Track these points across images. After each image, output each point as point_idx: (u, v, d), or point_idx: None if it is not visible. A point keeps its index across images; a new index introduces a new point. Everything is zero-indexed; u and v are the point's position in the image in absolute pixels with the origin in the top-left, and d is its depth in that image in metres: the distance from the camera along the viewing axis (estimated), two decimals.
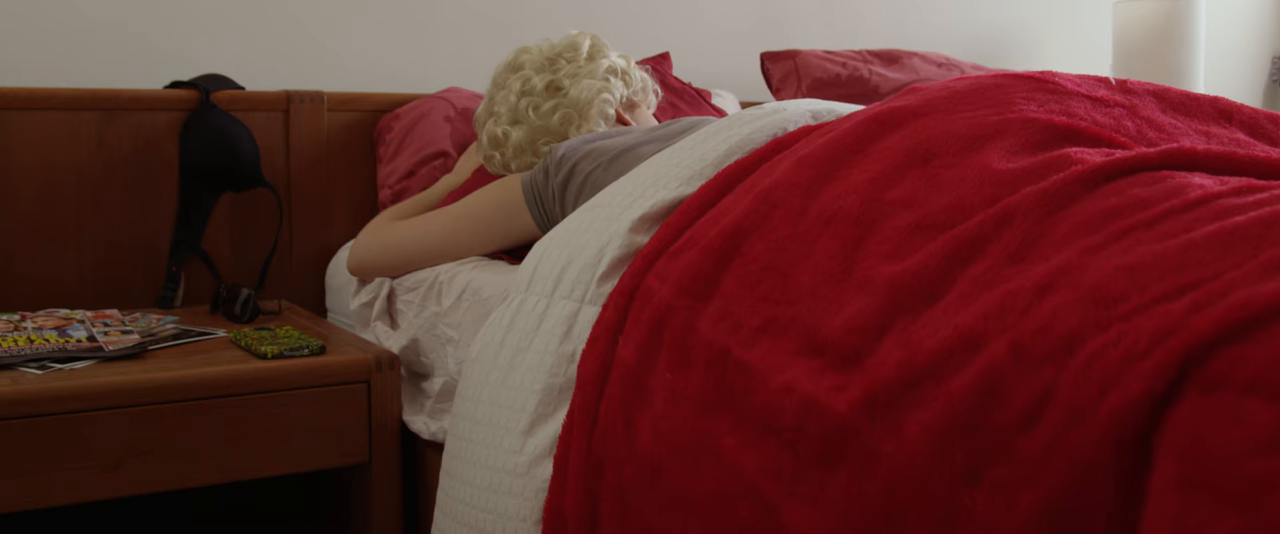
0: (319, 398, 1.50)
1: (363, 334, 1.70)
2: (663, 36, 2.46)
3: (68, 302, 1.79)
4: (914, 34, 2.83)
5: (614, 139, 1.57)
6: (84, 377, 1.39)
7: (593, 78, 1.70)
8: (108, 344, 1.50)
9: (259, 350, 1.49)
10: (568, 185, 1.53)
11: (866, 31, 2.78)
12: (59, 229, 1.80)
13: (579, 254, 1.25)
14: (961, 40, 2.89)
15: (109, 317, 1.69)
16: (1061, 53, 3.07)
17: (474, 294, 1.50)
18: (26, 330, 1.56)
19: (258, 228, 1.94)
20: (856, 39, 2.74)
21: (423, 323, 1.57)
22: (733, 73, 2.52)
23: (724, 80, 2.47)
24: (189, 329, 1.67)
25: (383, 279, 1.68)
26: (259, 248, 1.94)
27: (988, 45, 2.93)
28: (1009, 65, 2.90)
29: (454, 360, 1.50)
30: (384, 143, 1.99)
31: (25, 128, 1.76)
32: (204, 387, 1.43)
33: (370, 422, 1.53)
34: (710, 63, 2.49)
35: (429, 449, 1.57)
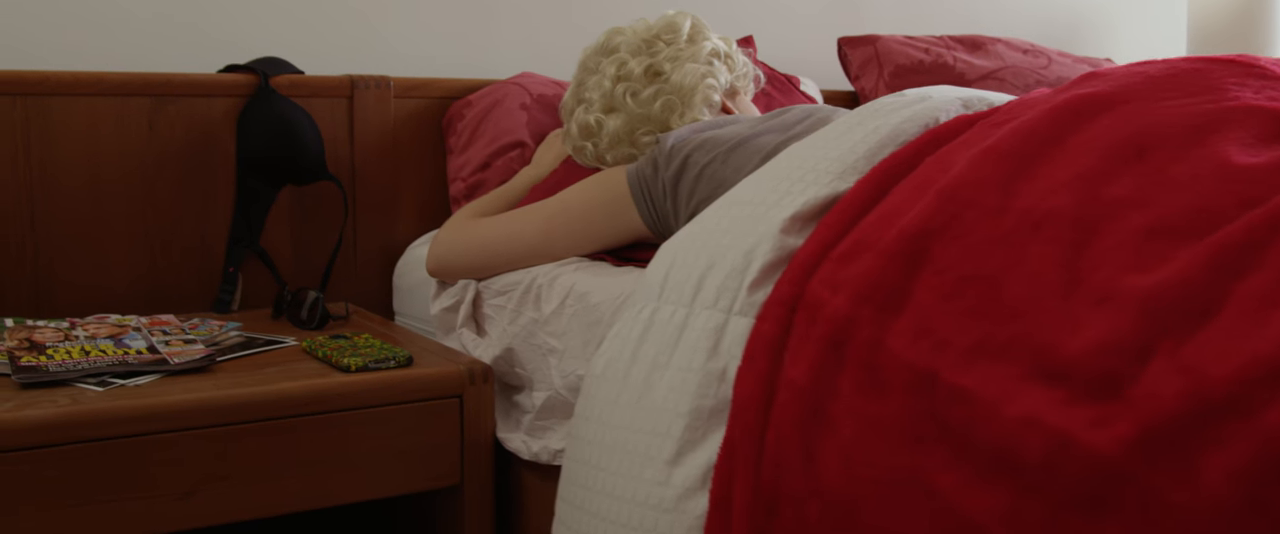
0: (407, 415, 1.34)
1: (444, 341, 1.54)
2: (739, 18, 2.30)
3: (117, 306, 1.63)
4: (987, 18, 2.67)
5: (726, 129, 1.42)
6: (151, 394, 1.23)
7: (695, 62, 1.54)
8: (171, 356, 1.34)
9: (341, 363, 1.33)
10: (681, 179, 1.37)
11: (942, 15, 2.62)
12: (107, 227, 1.64)
13: (722, 258, 1.09)
14: (1036, 24, 2.74)
15: (166, 323, 1.52)
16: (1133, 38, 2.91)
17: (580, 300, 1.34)
18: (79, 340, 1.40)
19: (318, 224, 1.77)
20: (932, 23, 2.58)
21: (518, 331, 1.41)
22: (805, 59, 2.36)
23: (796, 66, 2.31)
24: (255, 337, 1.50)
25: (467, 281, 1.52)
26: (320, 246, 1.77)
27: (1060, 29, 2.77)
28: (1080, 51, 2.74)
29: (559, 373, 1.34)
30: (455, 132, 1.83)
31: (70, 115, 1.60)
32: (284, 404, 1.27)
33: (462, 440, 1.37)
34: (782, 47, 2.32)
35: (526, 470, 1.41)
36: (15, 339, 1.39)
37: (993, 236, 0.95)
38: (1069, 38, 2.78)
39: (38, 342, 1.38)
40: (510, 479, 1.45)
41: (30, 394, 1.22)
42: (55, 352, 1.34)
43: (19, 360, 1.29)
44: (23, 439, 1.15)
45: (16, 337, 1.40)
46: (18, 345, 1.36)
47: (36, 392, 1.23)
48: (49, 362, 1.29)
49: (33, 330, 1.43)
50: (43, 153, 1.59)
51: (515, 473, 1.44)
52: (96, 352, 1.34)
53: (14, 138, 1.57)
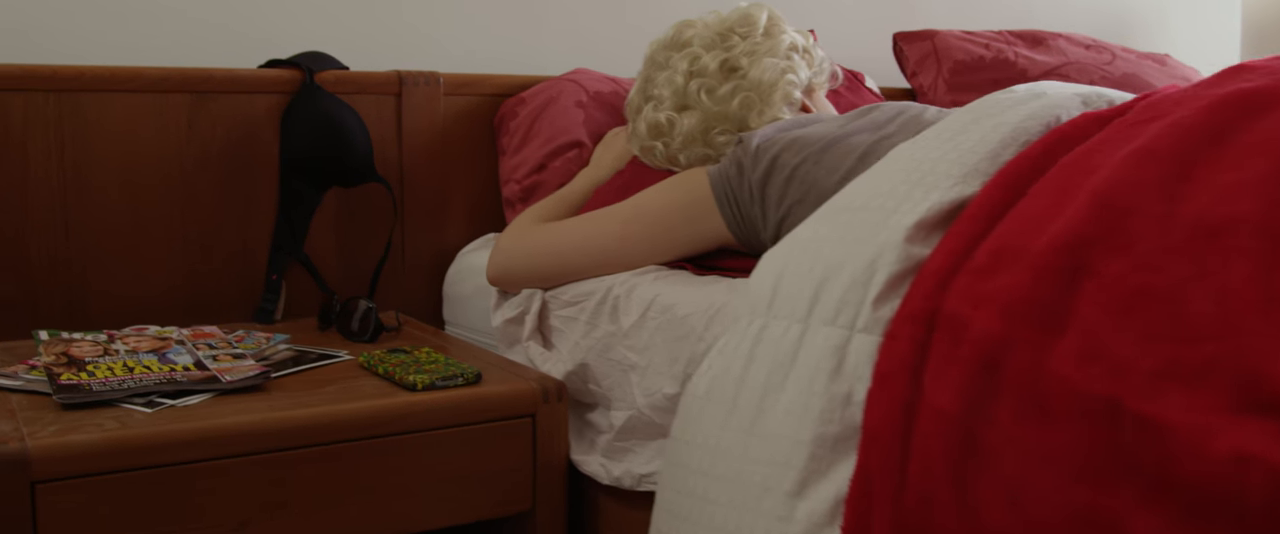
0: (477, 437, 1.23)
1: (507, 355, 1.43)
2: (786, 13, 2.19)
3: (154, 316, 1.52)
4: (1041, 10, 2.56)
5: (812, 128, 1.31)
6: (203, 416, 1.12)
7: (774, 57, 1.43)
8: (222, 373, 1.23)
9: (406, 380, 1.22)
10: (769, 181, 1.27)
11: (995, 9, 2.51)
12: (144, 232, 1.53)
13: (839, 269, 0.99)
14: (1090, 17, 2.63)
15: (211, 335, 1.41)
16: (1185, 34, 2.81)
17: (664, 312, 1.23)
18: (119, 354, 1.29)
19: (363, 228, 1.66)
20: (985, 17, 2.47)
21: (592, 344, 1.30)
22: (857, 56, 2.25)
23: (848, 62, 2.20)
24: (305, 351, 1.39)
25: (532, 291, 1.41)
26: (365, 251, 1.66)
27: (1112, 24, 2.67)
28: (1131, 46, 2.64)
29: (641, 391, 1.23)
30: (507, 131, 1.72)
31: (105, 113, 1.49)
32: (347, 426, 1.16)
33: (535, 463, 1.27)
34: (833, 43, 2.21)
35: (604, 496, 1.30)
36: (52, 354, 1.28)
37: (1164, 246, 0.85)
38: (1119, 31, 2.67)
39: (76, 356, 1.27)
40: (584, 505, 1.35)
41: (73, 416, 1.11)
42: (96, 368, 1.23)
43: (59, 378, 1.18)
44: (67, 467, 1.04)
45: (53, 351, 1.29)
46: (55, 361, 1.25)
47: (79, 413, 1.12)
48: (91, 380, 1.19)
49: (69, 344, 1.32)
50: (77, 153, 1.48)
51: (590, 498, 1.33)
52: (140, 368, 1.24)
53: (47, 136, 1.46)
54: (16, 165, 1.45)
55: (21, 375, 1.22)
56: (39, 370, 1.23)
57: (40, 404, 1.15)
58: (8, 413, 1.11)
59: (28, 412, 1.12)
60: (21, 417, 1.10)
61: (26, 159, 1.45)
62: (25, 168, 1.45)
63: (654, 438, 1.23)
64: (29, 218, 1.46)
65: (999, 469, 0.82)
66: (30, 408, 1.14)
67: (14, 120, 1.44)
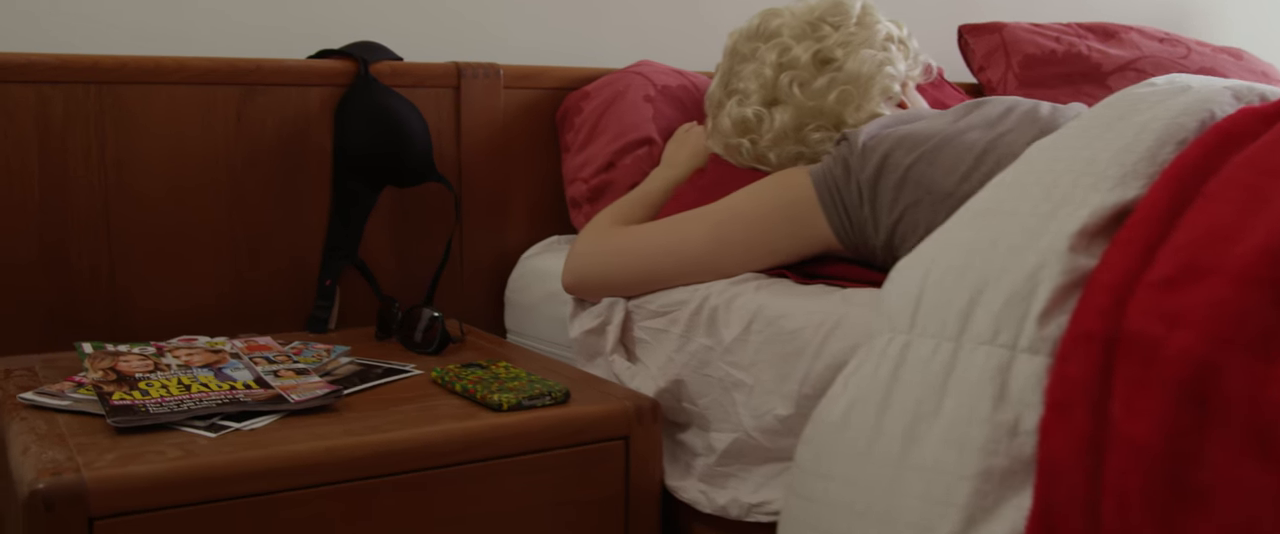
0: (567, 462, 1.12)
1: (586, 369, 1.32)
2: None
3: (200, 326, 1.40)
4: (1101, 3, 2.45)
5: (919, 124, 1.20)
6: (275, 441, 1.01)
7: (871, 47, 1.32)
8: (287, 391, 1.12)
9: (490, 399, 1.11)
10: (879, 181, 1.16)
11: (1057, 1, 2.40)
12: (190, 235, 1.41)
13: (993, 281, 0.88)
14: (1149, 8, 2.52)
15: (266, 347, 1.30)
16: (1242, 25, 2.70)
17: (770, 325, 1.12)
18: (172, 370, 1.18)
19: (418, 230, 1.55)
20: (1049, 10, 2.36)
21: (687, 359, 1.19)
22: None
23: None
24: (370, 365, 1.28)
25: (614, 300, 1.30)
26: (420, 255, 1.55)
27: (1171, 13, 2.56)
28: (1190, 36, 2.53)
29: (749, 412, 1.12)
30: (572, 127, 1.60)
31: (148, 107, 1.37)
32: (430, 452, 1.05)
33: (627, 490, 1.16)
34: None
35: (702, 525, 1.19)
36: (99, 369, 1.16)
37: None
38: (1178, 21, 2.56)
39: (125, 372, 1.16)
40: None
41: (130, 441, 0.99)
42: (149, 386, 1.12)
43: (110, 398, 1.07)
44: (128, 501, 0.93)
45: (100, 366, 1.18)
46: (103, 378, 1.14)
47: (136, 438, 1.01)
48: (146, 399, 1.07)
49: (116, 358, 1.21)
50: (119, 150, 1.36)
51: (683, 527, 1.22)
52: (198, 386, 1.12)
53: (87, 132, 1.34)
54: (56, 165, 1.33)
55: (69, 394, 1.11)
56: (87, 389, 1.12)
57: (91, 427, 1.03)
58: (57, 439, 1.00)
59: (80, 437, 1.01)
60: (74, 443, 0.99)
61: (66, 157, 1.33)
62: (65, 167, 1.34)
63: (762, 463, 1.12)
64: (69, 221, 1.34)
65: (1219, 515, 0.71)
66: (81, 432, 1.02)
67: (53, 115, 1.32)
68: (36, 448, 0.97)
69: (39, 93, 1.31)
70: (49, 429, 1.03)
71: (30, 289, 1.33)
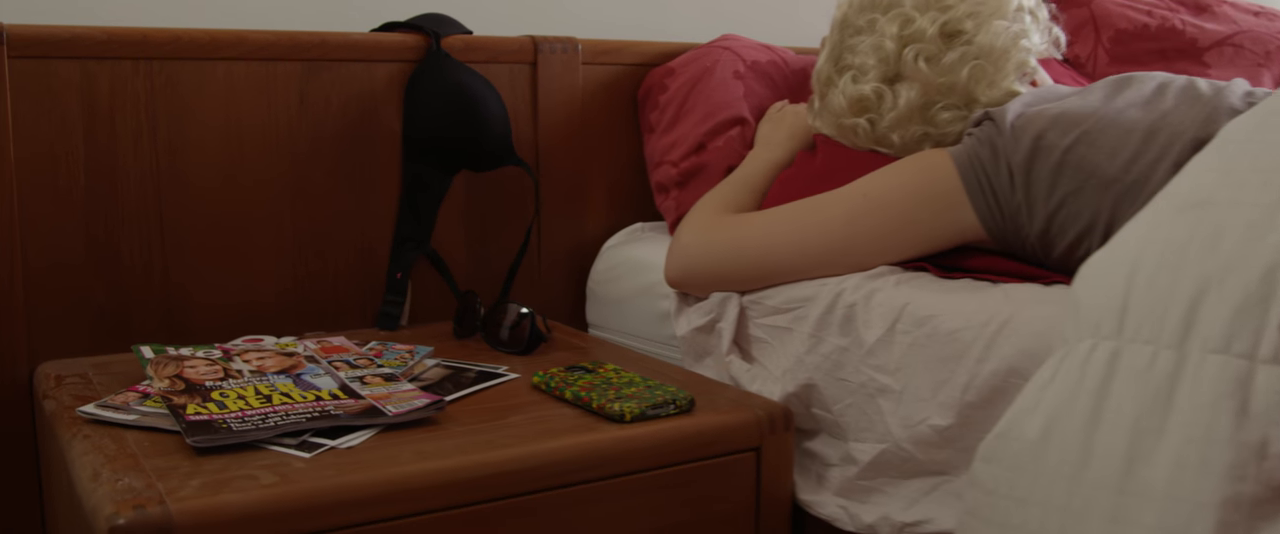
0: (693, 477, 0.99)
1: (694, 369, 1.19)
2: None
3: (263, 324, 1.27)
4: None
5: (1066, 102, 1.08)
6: (381, 462, 0.88)
7: (1001, 18, 1.19)
8: (380, 400, 0.99)
9: (609, 409, 0.98)
10: (1034, 165, 1.03)
11: None
12: (250, 227, 1.27)
13: (1217, 281, 0.75)
14: None
15: (342, 349, 1.17)
16: None
17: (920, 324, 0.99)
18: (244, 377, 1.05)
19: (493, 217, 1.41)
20: None
21: (820, 361, 1.06)
22: None
23: None
24: (460, 368, 1.15)
25: (726, 295, 1.17)
26: (496, 244, 1.42)
27: None
28: None
29: (899, 421, 0.99)
30: (656, 106, 1.47)
31: (205, 85, 1.23)
32: (553, 470, 0.92)
33: (758, 508, 1.03)
34: None
35: None
36: (164, 377, 1.03)
37: None
38: None
39: (194, 380, 1.03)
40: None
41: (214, 464, 0.87)
42: (225, 397, 0.99)
43: (184, 412, 0.94)
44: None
45: (164, 373, 1.04)
46: (171, 387, 1.01)
47: (219, 459, 0.88)
48: (225, 414, 0.94)
49: (181, 363, 1.08)
50: (171, 133, 1.22)
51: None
52: (279, 396, 0.99)
53: (138, 114, 1.20)
54: (104, 150, 1.19)
55: (135, 407, 0.98)
56: (155, 400, 0.99)
57: (165, 447, 0.90)
58: (130, 461, 0.87)
59: (155, 459, 0.88)
60: (150, 467, 0.86)
61: (115, 142, 1.20)
62: (113, 153, 1.20)
63: (913, 477, 0.99)
64: (118, 212, 1.21)
65: None
66: (155, 452, 0.89)
67: (100, 95, 1.18)
68: (109, 473, 0.84)
69: (84, 70, 1.17)
70: (118, 449, 0.90)
71: (77, 287, 1.19)
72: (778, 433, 1.03)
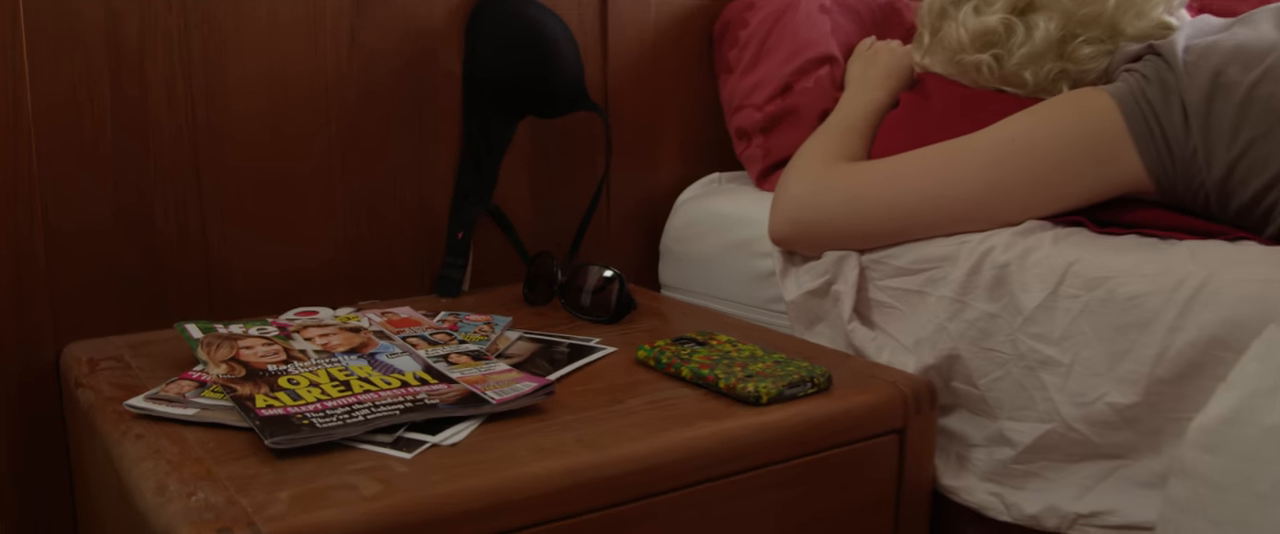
0: (834, 466, 0.86)
1: (804, 337, 1.06)
2: None
3: (311, 292, 1.12)
4: None
5: (1240, 33, 0.93)
6: (496, 463, 0.74)
7: None
8: (475, 384, 0.85)
9: (743, 390, 0.85)
10: (1212, 105, 0.89)
11: None
12: (295, 181, 1.12)
13: None
14: None
15: (412, 322, 1.02)
16: None
17: (1092, 288, 0.85)
18: (310, 358, 0.90)
19: (555, 170, 1.26)
20: None
21: (965, 329, 0.92)
22: None
23: None
24: (548, 340, 1.01)
25: (842, 254, 1.03)
26: (561, 199, 1.27)
27: None
28: None
29: (1068, 398, 0.86)
30: (735, 43, 1.31)
31: (243, 24, 1.07)
32: (692, 465, 0.78)
33: (899, 495, 0.90)
34: None
35: (973, 528, 0.94)
36: (220, 361, 0.88)
37: None
38: None
39: (254, 364, 0.88)
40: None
41: (299, 469, 0.72)
42: (296, 384, 0.84)
43: (253, 404, 0.79)
44: None
45: (219, 356, 0.90)
46: (230, 373, 0.86)
47: (305, 463, 0.73)
48: (302, 406, 0.80)
49: (235, 343, 0.93)
50: (209, 79, 1.06)
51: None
52: (358, 382, 0.85)
53: (170, 58, 1.04)
54: (134, 100, 1.03)
55: (193, 399, 0.83)
56: (214, 390, 0.84)
57: (237, 448, 0.76)
58: (199, 469, 0.72)
59: (228, 466, 0.73)
60: (225, 476, 0.71)
61: (144, 90, 1.03)
62: (143, 102, 1.03)
63: (1083, 461, 0.86)
64: (150, 170, 1.05)
65: None
66: (227, 456, 0.75)
67: (127, 36, 1.02)
68: (177, 485, 0.70)
69: (108, 7, 1.01)
70: (182, 454, 0.75)
71: (105, 255, 1.04)
72: (923, 412, 0.90)
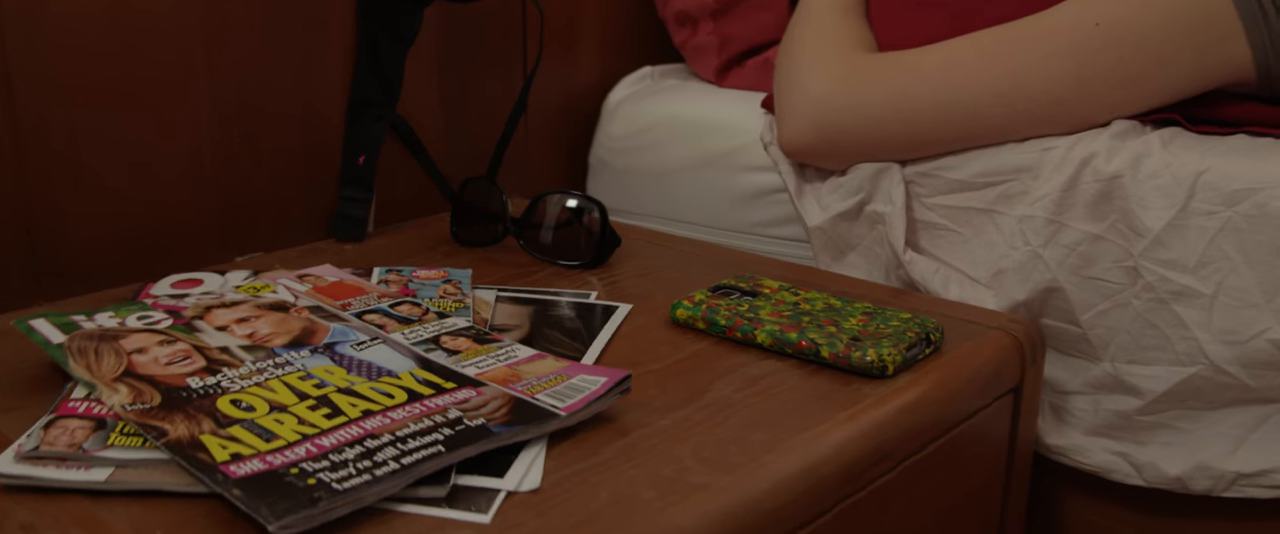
0: (961, 443, 0.67)
1: (833, 268, 0.85)
2: None
3: (175, 247, 0.79)
4: None
5: None
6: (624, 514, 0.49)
7: None
8: (515, 385, 0.59)
9: (862, 360, 0.63)
10: None
11: None
12: (145, 90, 0.77)
13: None
14: None
15: (350, 286, 0.72)
16: None
17: (1234, 202, 0.69)
18: (248, 365, 0.60)
19: (465, 70, 0.97)
20: None
21: (1063, 257, 0.74)
22: None
23: None
24: (536, 298, 0.74)
25: (880, 167, 0.82)
26: (470, 105, 0.98)
27: None
28: None
29: (1214, 336, 0.70)
30: None
31: None
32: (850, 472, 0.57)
33: (1011, 462, 0.73)
34: None
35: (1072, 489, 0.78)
36: (110, 379, 0.57)
37: None
38: None
39: (164, 379, 0.57)
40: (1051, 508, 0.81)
41: None
42: (253, 412, 0.55)
43: (207, 455, 0.50)
44: None
45: (106, 371, 0.58)
46: (135, 399, 0.55)
47: None
48: (288, 450, 0.51)
49: (114, 343, 0.61)
50: None
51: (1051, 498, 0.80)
52: (343, 397, 0.56)
53: None
54: None
55: (96, 451, 0.52)
56: (128, 431, 0.53)
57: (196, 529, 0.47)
58: None
59: None
60: None
61: None
62: None
63: (1230, 406, 0.71)
64: None
65: None
66: None
67: None
68: None
69: None
70: None
71: None
72: (1037, 363, 0.72)
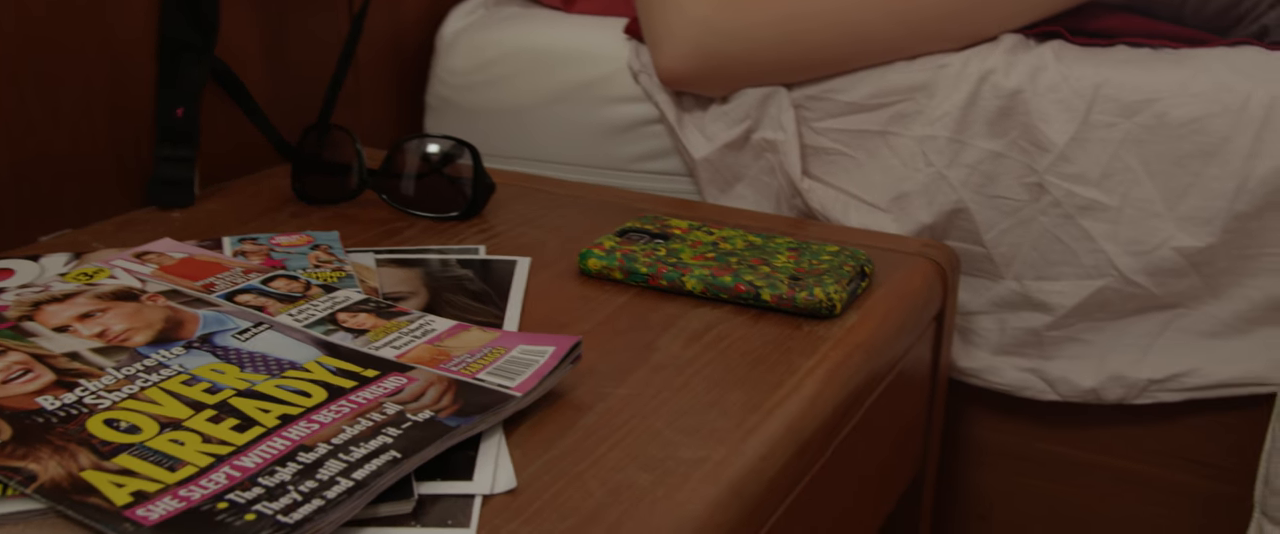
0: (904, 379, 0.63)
1: (720, 200, 0.78)
2: None
3: None
4: None
5: None
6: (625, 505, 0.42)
7: None
8: (442, 364, 0.49)
9: (810, 299, 0.58)
10: None
11: None
12: None
13: None
14: None
15: (206, 264, 0.60)
16: None
17: (1133, 113, 0.69)
18: (110, 374, 0.48)
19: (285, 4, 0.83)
20: None
21: (966, 176, 0.71)
22: None
23: None
24: (419, 258, 0.64)
25: (768, 92, 0.76)
26: (295, 41, 0.84)
27: None
28: None
29: (1122, 246, 0.69)
30: None
31: None
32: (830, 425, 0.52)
33: (932, 394, 0.70)
34: None
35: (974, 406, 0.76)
36: None
37: None
38: None
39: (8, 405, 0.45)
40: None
41: None
42: (139, 433, 0.43)
43: (104, 499, 0.39)
44: None
45: None
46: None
47: None
48: (204, 479, 0.40)
49: None
50: None
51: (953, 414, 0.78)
52: (248, 403, 0.46)
53: None
54: None
55: None
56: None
57: None
58: None
59: None
60: None
61: None
62: None
63: (1134, 314, 0.71)
64: None
65: None
66: None
67: None
68: None
69: None
70: None
71: None
72: (955, 288, 0.69)
